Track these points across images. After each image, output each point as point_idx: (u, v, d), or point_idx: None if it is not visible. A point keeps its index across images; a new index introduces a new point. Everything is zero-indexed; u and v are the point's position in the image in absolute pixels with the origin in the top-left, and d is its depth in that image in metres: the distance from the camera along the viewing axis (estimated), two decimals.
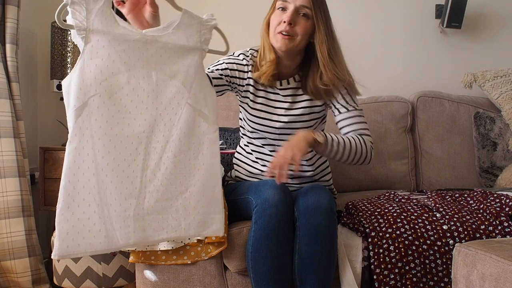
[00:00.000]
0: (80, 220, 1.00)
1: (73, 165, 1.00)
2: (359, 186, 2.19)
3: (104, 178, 1.02)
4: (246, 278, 1.51)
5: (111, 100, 1.04)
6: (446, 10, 2.52)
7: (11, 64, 2.03)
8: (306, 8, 1.44)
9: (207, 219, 1.16)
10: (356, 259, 1.44)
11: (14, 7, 2.04)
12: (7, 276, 1.97)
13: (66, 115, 1.03)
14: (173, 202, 1.12)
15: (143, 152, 1.08)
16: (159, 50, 1.11)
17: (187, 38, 1.15)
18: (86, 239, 1.00)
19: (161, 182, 1.10)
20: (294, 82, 1.57)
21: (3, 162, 1.95)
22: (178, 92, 1.12)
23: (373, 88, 2.32)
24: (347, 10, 2.61)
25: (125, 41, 1.05)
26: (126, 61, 1.05)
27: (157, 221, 1.10)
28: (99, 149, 1.02)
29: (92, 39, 1.01)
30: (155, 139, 1.10)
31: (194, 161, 1.15)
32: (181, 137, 1.13)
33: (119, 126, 1.05)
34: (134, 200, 1.07)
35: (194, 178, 1.15)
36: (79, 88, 0.99)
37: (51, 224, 2.39)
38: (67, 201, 0.99)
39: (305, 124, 1.56)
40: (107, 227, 1.03)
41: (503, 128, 2.22)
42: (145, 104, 1.08)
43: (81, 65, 1.00)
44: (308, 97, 1.56)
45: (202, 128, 1.16)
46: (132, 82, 1.06)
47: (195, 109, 1.15)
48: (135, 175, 1.07)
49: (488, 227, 1.42)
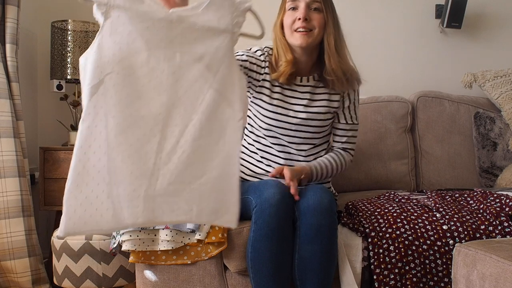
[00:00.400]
0: (88, 198, 0.98)
1: (84, 144, 0.97)
2: (359, 186, 2.19)
3: (115, 157, 1.00)
4: (246, 278, 1.51)
5: (128, 79, 1.00)
6: (446, 10, 2.52)
7: (11, 64, 2.03)
8: (316, 2, 1.49)
9: (221, 208, 1.11)
10: (356, 259, 1.44)
11: (14, 7, 2.04)
12: (7, 276, 1.97)
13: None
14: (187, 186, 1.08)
15: (159, 134, 1.04)
16: (185, 31, 1.05)
17: (218, 19, 1.08)
18: (93, 217, 0.99)
19: (176, 165, 1.06)
20: (313, 81, 1.60)
21: (3, 162, 1.95)
22: (202, 76, 1.07)
23: (373, 88, 2.32)
24: (347, 9, 2.60)
25: (148, 19, 1.01)
26: (147, 40, 1.01)
27: (168, 203, 1.07)
28: (112, 127, 0.99)
29: (112, 15, 0.98)
30: (172, 122, 1.05)
31: (214, 147, 1.10)
32: (202, 122, 1.07)
33: (134, 106, 1.01)
34: (146, 180, 1.04)
35: (212, 164, 1.10)
36: (96, 65, 0.97)
37: (51, 224, 2.39)
38: (76, 179, 0.97)
39: (320, 123, 1.58)
40: (115, 206, 1.01)
41: (503, 128, 2.22)
42: (164, 86, 1.04)
43: (99, 41, 0.98)
44: (326, 96, 1.59)
45: (226, 114, 1.10)
46: (152, 62, 1.02)
47: (220, 94, 1.09)
48: (149, 157, 1.04)
49: (488, 227, 1.42)
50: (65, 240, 1.74)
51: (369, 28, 2.63)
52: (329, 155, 1.61)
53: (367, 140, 2.21)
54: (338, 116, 1.63)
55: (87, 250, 1.72)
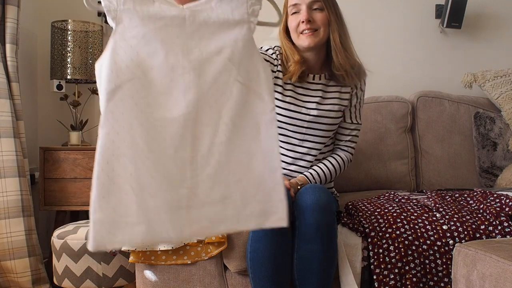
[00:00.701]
0: (116, 210, 0.93)
1: (106, 152, 0.92)
2: (359, 186, 2.19)
3: (145, 165, 0.95)
4: (246, 278, 1.51)
5: (150, 82, 0.97)
6: (446, 10, 2.52)
7: (11, 64, 2.03)
8: (317, 2, 1.52)
9: (268, 208, 1.04)
10: (356, 259, 1.44)
11: (14, 7, 2.04)
12: (7, 276, 1.97)
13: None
14: (230, 190, 1.02)
15: (190, 136, 0.98)
16: (200, 26, 1.01)
17: (232, 10, 1.04)
18: (124, 230, 0.93)
19: (215, 169, 1.00)
20: (324, 79, 1.62)
21: (3, 162, 1.95)
22: (225, 69, 1.02)
23: (373, 88, 2.32)
24: (347, 9, 2.58)
25: (161, 18, 0.98)
26: (162, 39, 0.98)
27: (214, 212, 1.00)
28: (141, 135, 0.95)
29: (124, 19, 0.96)
30: (202, 122, 1.00)
31: (251, 144, 1.03)
32: (234, 119, 1.02)
33: (161, 110, 0.97)
34: (186, 190, 0.98)
35: (252, 163, 1.03)
36: (111, 70, 0.94)
37: (51, 224, 2.39)
38: (101, 190, 0.92)
39: (331, 121, 1.60)
40: (151, 219, 0.95)
41: (503, 128, 2.22)
42: (187, 83, 0.99)
43: (113, 46, 0.95)
44: (337, 94, 1.61)
45: (257, 108, 1.04)
46: (171, 60, 0.98)
47: (247, 87, 1.04)
48: (184, 162, 0.98)
49: (488, 227, 1.42)
50: (65, 240, 1.74)
51: (369, 28, 2.63)
52: (328, 160, 1.63)
53: (367, 140, 2.21)
54: (344, 115, 1.65)
55: (87, 250, 1.72)
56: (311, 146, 1.60)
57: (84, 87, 2.48)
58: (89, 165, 2.17)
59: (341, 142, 1.67)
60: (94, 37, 2.36)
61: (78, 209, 2.20)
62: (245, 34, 1.05)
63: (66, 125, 2.44)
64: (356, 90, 1.64)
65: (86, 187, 2.17)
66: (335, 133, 1.68)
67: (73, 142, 2.33)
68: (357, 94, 1.65)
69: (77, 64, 2.30)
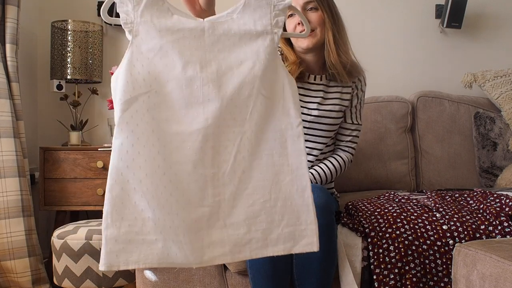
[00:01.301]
0: (132, 226, 0.87)
1: (120, 163, 0.87)
2: (359, 186, 2.19)
3: (167, 183, 0.89)
4: (246, 278, 1.51)
5: (168, 95, 0.92)
6: (446, 10, 2.52)
7: (11, 64, 2.03)
8: (311, 2, 1.51)
9: (297, 232, 0.96)
10: (356, 259, 1.44)
11: (14, 7, 2.04)
12: (7, 276, 1.97)
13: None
14: (255, 211, 0.95)
15: (211, 151, 0.93)
16: (220, 37, 0.97)
17: (255, 21, 0.99)
18: (140, 248, 0.87)
19: (237, 187, 0.94)
20: (325, 80, 1.62)
21: (3, 162, 1.95)
22: (247, 82, 0.96)
23: (373, 88, 2.32)
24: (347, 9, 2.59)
25: (178, 30, 0.94)
26: (180, 51, 0.93)
27: (237, 234, 0.93)
28: (158, 149, 0.90)
29: (141, 31, 0.92)
30: (224, 137, 0.94)
31: (277, 162, 0.97)
32: (258, 134, 0.97)
33: (179, 123, 0.92)
34: (206, 208, 0.92)
35: (279, 181, 0.97)
36: (126, 81, 0.90)
37: (51, 224, 2.39)
38: (114, 204, 0.86)
39: (332, 121, 1.60)
40: (167, 238, 0.88)
41: (503, 128, 2.22)
42: (206, 96, 0.93)
43: (129, 58, 0.92)
44: (338, 95, 1.61)
45: (282, 122, 0.98)
46: (189, 72, 0.93)
47: (271, 101, 0.98)
48: (204, 179, 0.92)
49: (488, 227, 1.42)
50: (65, 240, 1.74)
51: (369, 28, 2.63)
52: (328, 161, 1.63)
53: (367, 140, 2.21)
54: (345, 116, 1.66)
55: (87, 250, 1.72)
56: (312, 146, 1.60)
57: (84, 87, 2.48)
58: (89, 165, 2.17)
59: (341, 142, 1.68)
60: (94, 37, 2.36)
61: (78, 209, 2.20)
62: (267, 45, 0.99)
63: (66, 125, 2.44)
64: (356, 90, 1.64)
65: (86, 187, 2.17)
66: (336, 134, 1.68)
67: (73, 142, 2.33)
68: (358, 95, 1.65)
69: (77, 64, 2.30)
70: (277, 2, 1.01)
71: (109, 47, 2.56)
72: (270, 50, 0.99)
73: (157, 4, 0.94)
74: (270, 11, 1.01)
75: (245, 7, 0.99)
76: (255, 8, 0.99)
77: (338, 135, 1.68)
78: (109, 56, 2.55)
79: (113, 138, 0.89)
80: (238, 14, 0.99)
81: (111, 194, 0.86)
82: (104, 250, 0.85)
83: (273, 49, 1.00)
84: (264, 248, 0.95)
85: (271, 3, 1.01)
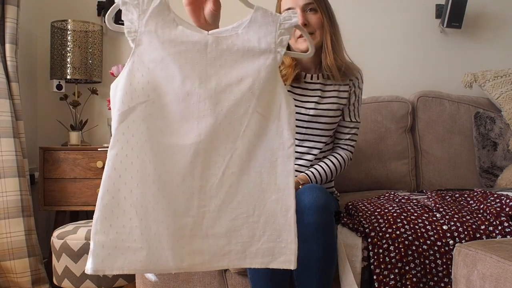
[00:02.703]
0: (119, 234, 0.90)
1: (113, 173, 0.90)
2: (359, 186, 2.19)
3: (152, 190, 0.92)
4: (246, 278, 1.51)
5: (164, 107, 0.94)
6: (446, 10, 2.52)
7: (10, 64, 2.03)
8: (310, 4, 1.51)
9: (276, 248, 1.00)
10: (356, 259, 1.44)
11: (14, 7, 2.04)
12: (7, 276, 1.97)
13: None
14: (237, 224, 0.98)
15: (200, 165, 0.96)
16: (223, 53, 0.97)
17: (259, 39, 1.00)
18: (125, 255, 0.90)
19: (223, 200, 0.97)
20: (322, 78, 1.62)
21: (3, 162, 1.95)
22: (244, 99, 0.98)
23: (373, 88, 2.32)
24: (348, 9, 2.61)
25: (182, 42, 0.95)
26: (181, 64, 0.95)
27: (217, 245, 0.97)
28: (150, 159, 0.92)
29: (144, 41, 0.93)
30: (215, 152, 0.97)
31: (265, 180, 1.00)
32: (250, 151, 0.99)
33: (173, 136, 0.95)
34: (190, 218, 0.95)
35: (264, 199, 1.00)
36: (125, 92, 0.91)
37: (50, 224, 2.39)
38: (104, 211, 0.90)
39: (330, 120, 1.60)
40: (151, 245, 0.92)
41: (503, 128, 2.22)
42: (201, 111, 0.95)
43: (130, 68, 0.92)
44: (335, 93, 1.61)
45: (275, 142, 1.00)
46: (187, 87, 0.95)
47: (266, 119, 1.00)
48: (191, 191, 0.95)
49: (488, 227, 1.42)
50: (65, 240, 1.74)
51: (369, 28, 2.63)
52: (328, 159, 1.62)
53: (367, 140, 2.21)
54: (343, 114, 1.66)
55: (87, 250, 1.72)
56: (311, 146, 1.60)
57: (84, 87, 2.48)
58: (89, 165, 2.17)
59: (340, 140, 1.68)
60: (94, 37, 2.36)
61: (77, 209, 2.20)
62: (269, 64, 1.00)
63: (66, 125, 2.44)
64: (354, 88, 1.64)
65: (86, 187, 2.17)
66: (335, 132, 1.68)
67: (72, 142, 2.33)
68: (355, 92, 1.65)
69: (77, 64, 2.30)
70: (283, 21, 1.01)
71: (109, 47, 2.56)
72: (271, 69, 1.00)
73: (162, 14, 0.94)
74: (275, 29, 1.01)
75: (251, 22, 1.00)
76: (261, 25, 1.00)
77: (337, 133, 1.68)
78: (108, 56, 2.55)
79: (109, 148, 0.91)
80: (243, 29, 1.00)
81: (102, 202, 0.89)
82: (91, 254, 0.89)
83: (274, 67, 1.01)
84: (242, 260, 0.99)
85: (277, 21, 1.01)
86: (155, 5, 0.93)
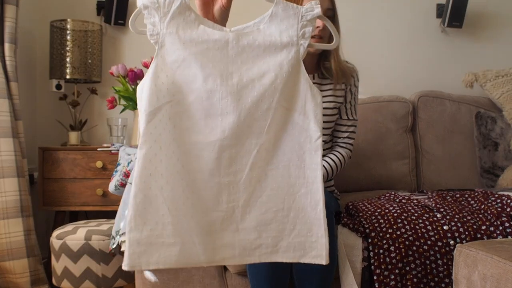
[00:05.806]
0: (153, 230, 0.93)
1: (143, 172, 0.93)
2: (359, 187, 2.18)
3: (185, 187, 0.95)
4: (246, 279, 1.51)
5: (189, 106, 0.97)
6: (447, 10, 2.52)
7: (9, 64, 2.02)
8: (330, 10, 1.54)
9: (307, 243, 1.00)
10: (356, 259, 1.43)
11: (13, 6, 2.04)
12: (6, 276, 1.97)
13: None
14: (267, 218, 0.99)
15: (227, 161, 0.97)
16: (244, 49, 0.98)
17: (281, 32, 0.99)
18: (159, 251, 0.93)
19: (252, 195, 0.99)
20: (318, 78, 1.63)
21: (2, 162, 1.95)
22: (266, 94, 0.98)
23: (373, 88, 2.32)
24: (348, 9, 2.60)
25: (203, 41, 0.96)
26: (202, 63, 0.96)
27: (247, 239, 0.98)
28: (178, 157, 0.95)
29: (166, 43, 0.95)
30: (241, 148, 0.98)
31: (293, 174, 1.00)
32: (276, 145, 1.00)
33: (198, 134, 0.97)
34: (220, 213, 0.97)
35: (293, 193, 1.00)
36: (151, 92, 0.94)
37: (50, 224, 2.39)
38: (137, 209, 0.92)
39: (328, 118, 1.61)
40: (184, 240, 0.95)
41: (504, 128, 2.21)
42: (224, 108, 0.97)
43: (154, 69, 0.95)
44: (331, 92, 1.62)
45: (301, 135, 1.00)
46: (209, 85, 0.96)
47: (291, 113, 1.00)
48: (220, 187, 0.97)
49: (489, 228, 1.41)
50: (64, 240, 1.73)
51: (370, 27, 2.62)
52: (328, 157, 1.62)
53: (368, 140, 2.20)
54: (340, 112, 1.67)
55: (86, 250, 1.72)
56: None
57: (83, 87, 2.47)
58: (89, 165, 2.16)
59: (339, 139, 1.68)
60: (93, 36, 2.35)
61: (77, 209, 2.20)
62: (292, 57, 1.00)
63: (65, 125, 2.43)
64: (350, 86, 1.65)
65: (85, 187, 2.16)
66: (333, 131, 1.69)
67: (72, 142, 2.33)
68: (351, 90, 1.66)
69: (76, 63, 2.29)
70: (305, 13, 1.00)
71: (108, 46, 2.55)
72: (294, 62, 1.00)
73: (184, 14, 0.96)
74: (297, 22, 1.00)
75: (272, 17, 1.00)
76: (282, 19, 1.00)
77: (335, 132, 1.69)
78: (108, 55, 2.54)
79: (138, 148, 0.94)
80: (264, 24, 1.00)
81: (135, 201, 0.92)
82: (127, 251, 0.91)
83: (297, 61, 1.00)
84: (274, 254, 1.00)
85: (299, 13, 1.00)
86: (175, 6, 0.95)
